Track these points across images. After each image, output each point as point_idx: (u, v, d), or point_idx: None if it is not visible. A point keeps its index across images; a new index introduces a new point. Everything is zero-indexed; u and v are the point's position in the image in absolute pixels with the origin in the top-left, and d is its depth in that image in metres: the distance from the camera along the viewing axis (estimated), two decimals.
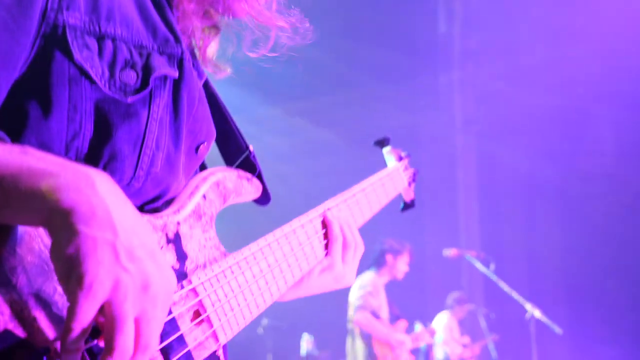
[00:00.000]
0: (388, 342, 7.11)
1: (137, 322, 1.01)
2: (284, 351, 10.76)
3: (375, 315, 7.16)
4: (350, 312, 7.31)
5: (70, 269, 0.96)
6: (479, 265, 8.66)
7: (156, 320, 1.03)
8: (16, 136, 1.15)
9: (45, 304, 1.07)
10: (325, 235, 1.83)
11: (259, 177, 1.70)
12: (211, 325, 1.40)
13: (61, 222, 0.98)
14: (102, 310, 1.00)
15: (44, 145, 1.17)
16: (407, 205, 2.56)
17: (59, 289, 1.10)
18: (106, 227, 0.99)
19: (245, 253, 1.53)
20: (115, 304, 0.98)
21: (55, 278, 1.08)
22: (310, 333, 9.51)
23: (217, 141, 1.70)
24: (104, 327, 1.00)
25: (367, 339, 7.14)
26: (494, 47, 12.12)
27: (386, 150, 2.47)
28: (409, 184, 2.49)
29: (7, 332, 1.00)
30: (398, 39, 11.62)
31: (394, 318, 7.50)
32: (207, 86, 1.61)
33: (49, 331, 1.06)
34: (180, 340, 1.30)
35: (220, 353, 1.43)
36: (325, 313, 9.74)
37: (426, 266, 11.93)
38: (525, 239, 13.38)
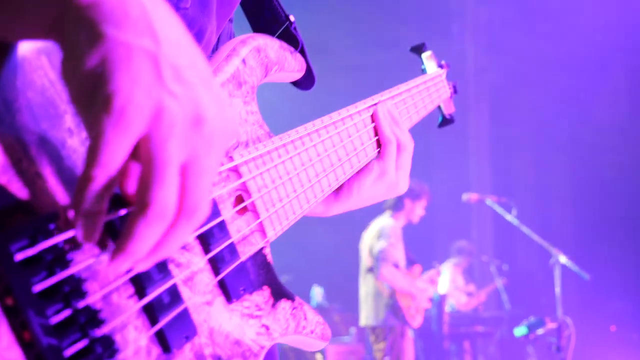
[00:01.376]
0: (410, 292, 6.87)
1: (184, 171, 0.73)
2: None
3: (396, 266, 6.89)
4: (367, 259, 7.02)
5: (93, 88, 0.67)
6: (500, 211, 8.33)
7: (209, 171, 0.74)
8: None
9: (52, 158, 0.79)
10: (375, 132, 1.54)
11: (302, 53, 1.40)
12: (257, 216, 1.13)
13: (78, 21, 0.68)
14: (134, 153, 0.72)
15: None
16: (446, 120, 2.27)
17: (71, 141, 0.82)
18: (144, 31, 0.70)
19: (293, 136, 1.25)
20: (155, 140, 0.69)
21: (65, 126, 0.81)
22: (319, 285, 9.33)
23: (248, 9, 1.40)
24: (137, 177, 0.73)
25: (390, 291, 6.87)
26: None
27: (426, 55, 2.17)
28: (451, 95, 2.20)
29: None
30: None
31: (409, 263, 7.24)
32: None
33: (58, 194, 0.79)
34: (222, 228, 1.03)
35: (267, 252, 1.16)
36: (335, 264, 9.57)
37: (435, 213, 11.71)
38: (537, 189, 13.13)
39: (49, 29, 0.71)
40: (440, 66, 2.12)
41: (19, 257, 0.71)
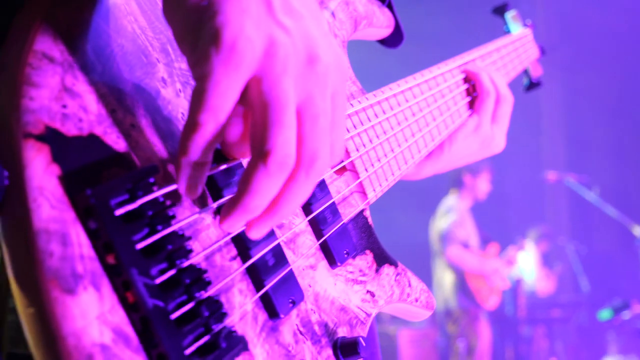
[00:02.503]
0: (482, 273, 6.67)
1: (300, 115, 0.65)
2: None
3: (465, 245, 6.71)
4: (436, 242, 6.87)
5: (199, 22, 0.61)
6: (580, 190, 8.01)
7: (325, 115, 0.66)
8: None
9: (147, 108, 0.74)
10: (468, 92, 1.45)
11: (390, 8, 1.32)
12: (357, 175, 1.05)
13: None
14: (245, 94, 0.65)
15: None
16: (533, 84, 2.13)
17: (165, 92, 0.76)
18: None
19: (387, 93, 1.17)
20: (269, 79, 0.62)
21: (159, 75, 0.75)
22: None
23: None
24: (249, 123, 0.66)
25: (459, 272, 6.70)
26: None
27: (510, 15, 2.05)
28: (538, 57, 2.07)
29: (93, 139, 0.67)
30: None
31: (484, 241, 7.03)
32: None
33: (155, 146, 0.73)
34: (323, 188, 0.96)
35: (368, 214, 1.09)
36: (410, 244, 9.41)
37: (507, 193, 11.37)
38: (615, 167, 12.63)
39: None
40: (526, 26, 2.00)
41: (119, 212, 0.65)
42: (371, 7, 1.23)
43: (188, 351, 0.67)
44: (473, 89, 1.43)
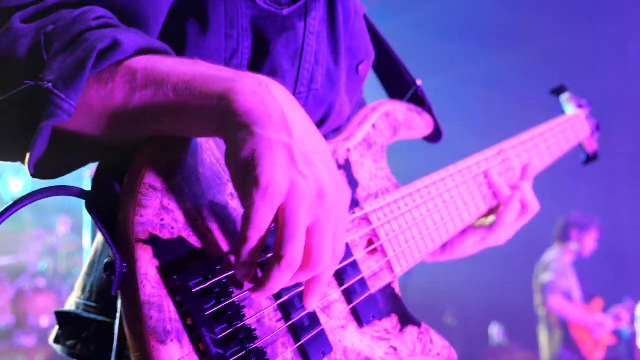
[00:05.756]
0: (586, 325, 6.60)
1: (310, 233, 0.97)
2: (473, 341, 10.45)
3: (568, 296, 6.67)
4: (539, 297, 6.88)
5: (246, 172, 0.94)
6: None
7: (329, 233, 0.98)
8: None
9: (218, 216, 1.08)
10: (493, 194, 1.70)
11: (430, 112, 1.62)
12: (385, 255, 1.35)
13: (237, 125, 0.95)
14: (275, 218, 0.97)
15: None
16: (590, 158, 2.34)
17: (232, 203, 1.10)
18: (282, 129, 0.95)
19: (419, 185, 1.46)
20: (289, 209, 0.94)
21: (228, 191, 1.09)
22: (499, 322, 9.15)
23: (381, 77, 1.65)
24: (275, 236, 0.99)
25: (563, 324, 6.65)
26: None
27: (565, 97, 2.28)
28: (592, 134, 2.28)
29: (181, 241, 1.02)
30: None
31: (588, 297, 6.94)
32: (366, 19, 1.57)
33: (223, 243, 1.07)
34: (354, 266, 1.27)
35: (396, 285, 1.38)
36: (514, 300, 9.32)
37: (623, 242, 10.96)
38: None
39: (216, 131, 1.00)
40: (580, 106, 2.22)
41: (196, 289, 0.99)
42: (410, 115, 1.54)
43: None
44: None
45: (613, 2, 11.35)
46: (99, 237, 1.23)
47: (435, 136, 1.64)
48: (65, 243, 8.44)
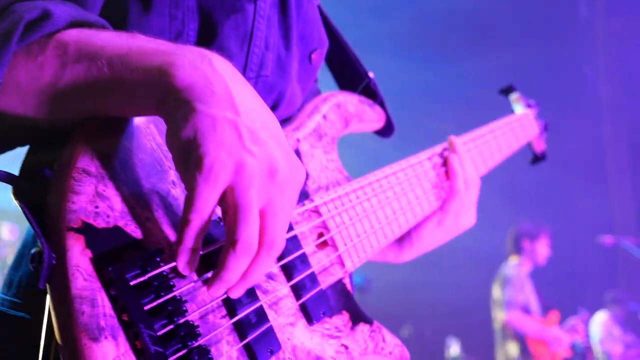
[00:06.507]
0: (543, 339, 6.67)
1: (263, 214, 0.91)
2: (430, 354, 10.44)
3: (526, 310, 6.74)
4: (497, 311, 6.93)
5: (188, 152, 0.87)
6: (637, 254, 7.91)
7: (284, 213, 0.92)
8: None
9: (159, 205, 1.01)
10: (447, 174, 1.65)
11: (382, 106, 1.58)
12: (336, 249, 1.29)
13: (177, 101, 0.88)
14: (222, 200, 0.90)
15: None
16: (537, 158, 2.34)
17: (174, 191, 1.03)
18: (226, 105, 0.89)
19: (371, 179, 1.41)
20: (238, 190, 0.88)
21: (170, 179, 1.02)
22: (456, 336, 9.18)
23: (333, 69, 1.60)
24: (225, 219, 0.92)
25: (520, 338, 6.71)
26: None
27: (513, 96, 2.28)
28: (540, 133, 2.28)
29: (117, 230, 0.94)
30: (538, 24, 11.08)
31: (545, 309, 7.03)
32: (320, 9, 1.52)
33: (163, 234, 1.00)
34: (304, 260, 1.20)
35: (347, 281, 1.32)
36: (472, 314, 9.38)
37: (578, 255, 11.19)
38: None
39: (155, 108, 0.92)
40: (529, 106, 2.22)
41: (133, 282, 0.92)
42: (362, 107, 1.49)
43: None
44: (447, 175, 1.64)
45: (571, 28, 11.69)
46: (30, 229, 1.14)
47: (386, 130, 1.60)
48: (12, 250, 8.14)
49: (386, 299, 9.11)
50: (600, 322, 8.84)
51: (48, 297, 0.90)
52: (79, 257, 0.89)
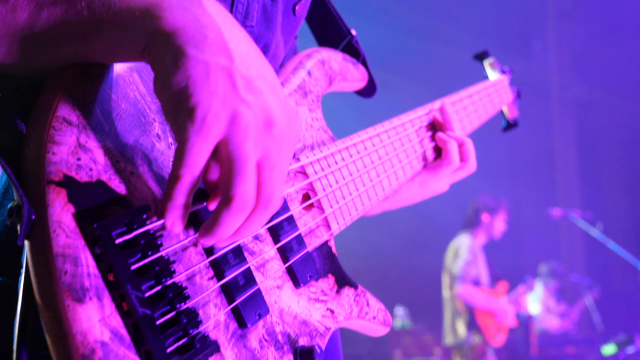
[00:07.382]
0: (491, 310, 6.79)
1: (259, 168, 0.85)
2: None
3: (476, 282, 6.82)
4: (447, 281, 6.99)
5: (179, 102, 0.81)
6: (584, 226, 8.10)
7: (281, 167, 0.87)
8: None
9: (144, 159, 0.94)
10: (433, 138, 1.63)
11: (364, 64, 1.52)
12: (322, 211, 1.25)
13: (165, 46, 0.82)
14: (216, 153, 0.85)
15: None
16: (510, 125, 2.33)
17: (159, 145, 0.97)
18: (220, 51, 0.83)
19: (355, 140, 1.37)
20: (233, 142, 0.82)
21: (154, 132, 0.96)
22: (403, 305, 9.29)
23: (313, 26, 1.54)
24: (219, 174, 0.86)
25: (469, 309, 6.80)
26: (590, 6, 11.44)
27: (488, 62, 2.25)
28: (513, 100, 2.27)
29: (100, 184, 0.87)
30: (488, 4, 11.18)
31: (494, 279, 7.14)
32: None
33: (149, 190, 0.93)
34: (291, 222, 1.16)
35: (332, 244, 1.28)
36: (419, 283, 9.50)
37: (522, 231, 11.43)
38: (629, 204, 12.66)
39: (141, 54, 0.85)
40: (503, 72, 2.19)
41: (119, 241, 0.85)
42: (346, 65, 1.44)
43: (169, 349, 0.86)
44: (433, 138, 1.61)
45: (521, 4, 11.78)
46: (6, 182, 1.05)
47: (368, 90, 1.55)
48: None
49: None
50: (536, 300, 9.05)
51: (26, 256, 0.83)
52: (60, 212, 0.82)
